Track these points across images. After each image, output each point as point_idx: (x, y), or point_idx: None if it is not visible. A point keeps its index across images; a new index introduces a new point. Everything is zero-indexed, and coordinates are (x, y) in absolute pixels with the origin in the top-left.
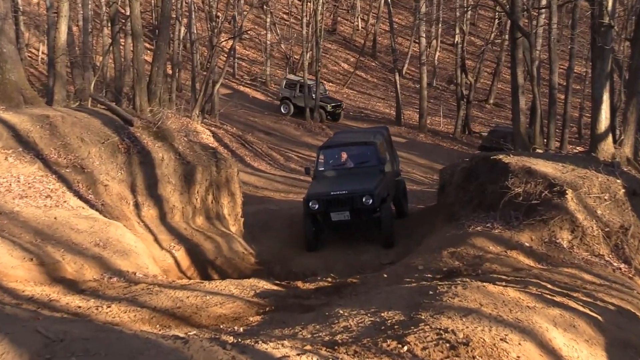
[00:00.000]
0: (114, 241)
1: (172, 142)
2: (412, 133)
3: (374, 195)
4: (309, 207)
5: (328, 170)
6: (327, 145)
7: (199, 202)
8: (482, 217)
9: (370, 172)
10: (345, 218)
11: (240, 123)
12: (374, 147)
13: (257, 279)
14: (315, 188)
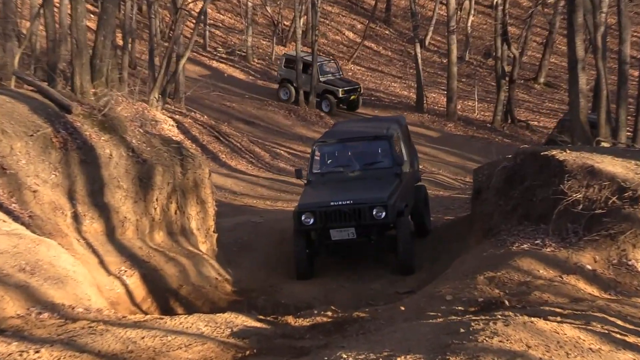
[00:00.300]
0: (46, 265)
1: (124, 134)
2: (438, 122)
3: (387, 207)
4: (302, 222)
5: (326, 172)
6: (325, 140)
7: (158, 213)
8: (529, 232)
9: (382, 175)
10: (349, 237)
11: (213, 110)
12: (387, 143)
13: (234, 314)
14: (309, 197)
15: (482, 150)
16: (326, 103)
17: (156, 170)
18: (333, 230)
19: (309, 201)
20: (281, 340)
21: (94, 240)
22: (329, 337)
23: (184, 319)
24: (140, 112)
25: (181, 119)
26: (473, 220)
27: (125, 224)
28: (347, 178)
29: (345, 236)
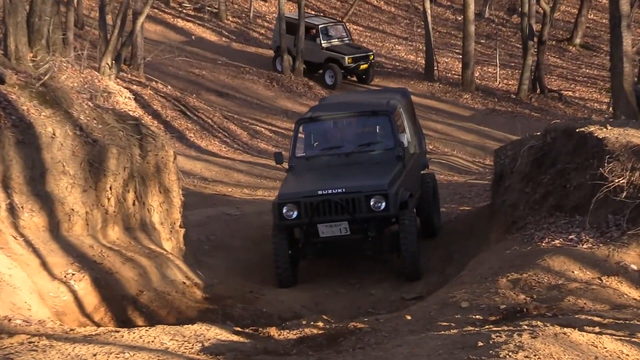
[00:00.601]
0: None
1: (69, 109)
2: (452, 93)
3: (388, 196)
4: (283, 216)
5: (312, 156)
6: (311, 116)
7: (112, 205)
8: (562, 225)
9: (381, 159)
10: (341, 233)
11: (178, 79)
12: (387, 119)
13: (205, 325)
14: (291, 185)
15: (504, 126)
16: (330, 74)
17: (109, 153)
18: (321, 226)
19: (291, 190)
20: (262, 357)
21: (35, 238)
22: (320, 352)
23: (144, 331)
24: (90, 81)
25: (140, 89)
26: (494, 211)
27: (73, 218)
28: (338, 162)
29: (337, 232)
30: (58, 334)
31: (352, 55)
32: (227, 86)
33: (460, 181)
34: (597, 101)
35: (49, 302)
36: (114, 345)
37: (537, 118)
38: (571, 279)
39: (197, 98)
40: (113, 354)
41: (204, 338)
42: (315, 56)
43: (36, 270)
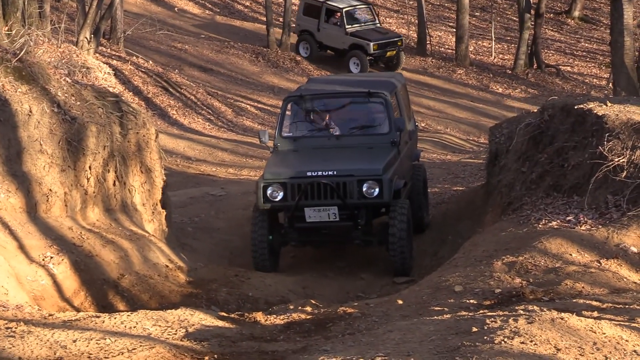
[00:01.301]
0: None
1: (46, 85)
2: (445, 68)
3: (382, 182)
4: (267, 197)
5: (299, 137)
6: (301, 94)
7: (92, 185)
8: (559, 206)
9: (375, 143)
10: (329, 219)
11: (160, 53)
12: (383, 102)
13: (189, 310)
14: (277, 165)
15: (500, 103)
16: (355, 61)
17: (89, 131)
18: (309, 210)
19: (277, 170)
20: (248, 343)
21: (11, 220)
22: (308, 338)
23: (126, 317)
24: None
25: (120, 65)
26: (489, 191)
27: (51, 199)
28: (328, 145)
29: (325, 218)
30: (36, 320)
31: (378, 42)
32: (211, 61)
33: (454, 160)
34: (596, 77)
35: (27, 287)
36: (95, 331)
37: (534, 94)
38: (569, 262)
39: (180, 74)
40: (94, 340)
41: (187, 323)
42: (339, 42)
43: (13, 253)
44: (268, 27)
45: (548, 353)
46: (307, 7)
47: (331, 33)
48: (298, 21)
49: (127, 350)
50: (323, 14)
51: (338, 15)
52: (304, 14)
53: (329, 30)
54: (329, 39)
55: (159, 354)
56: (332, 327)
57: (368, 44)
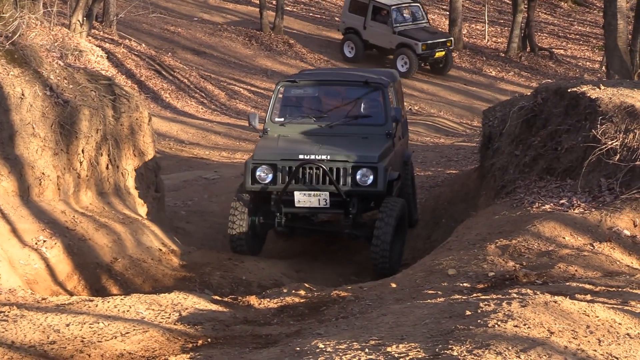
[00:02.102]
0: None
1: (39, 68)
2: None
3: (377, 170)
4: (256, 178)
5: (291, 123)
6: (295, 79)
7: (85, 168)
8: (552, 189)
9: (369, 134)
10: (319, 205)
11: (153, 36)
12: (380, 93)
13: (183, 293)
14: (267, 147)
15: (493, 86)
16: (403, 61)
17: (81, 114)
18: (299, 194)
19: (268, 152)
20: (242, 327)
21: (4, 203)
22: (301, 322)
23: (119, 300)
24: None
25: (112, 48)
26: (482, 175)
27: (44, 182)
28: (320, 133)
29: (315, 203)
30: (29, 304)
31: (427, 42)
32: (204, 44)
33: (447, 143)
34: (589, 60)
35: (20, 270)
36: (88, 315)
37: (527, 77)
38: (562, 245)
39: (173, 57)
40: (87, 323)
41: (181, 307)
42: (386, 41)
43: (6, 237)
44: (261, 10)
45: (541, 336)
46: (353, 4)
47: (378, 31)
48: (343, 18)
49: (121, 334)
50: (370, 12)
51: (385, 12)
52: (349, 11)
53: (376, 29)
54: (376, 38)
55: (153, 337)
56: (325, 311)
57: (417, 43)
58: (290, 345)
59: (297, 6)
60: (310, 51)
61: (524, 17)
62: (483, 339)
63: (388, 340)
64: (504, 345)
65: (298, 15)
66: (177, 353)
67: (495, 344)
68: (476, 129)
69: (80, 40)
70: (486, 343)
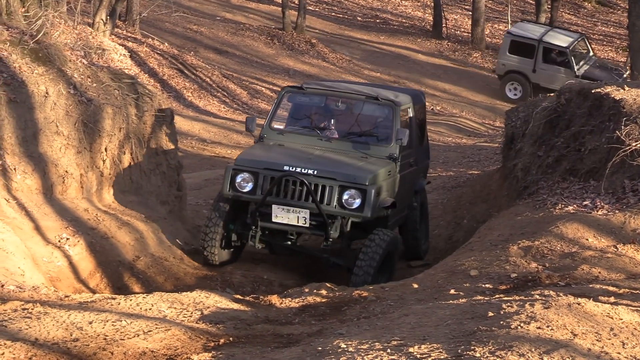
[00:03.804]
0: None
1: (63, 66)
2: (461, 51)
3: (366, 193)
4: (234, 185)
5: (290, 132)
6: (302, 86)
7: (108, 167)
8: (576, 190)
9: (371, 154)
10: (298, 223)
11: (175, 35)
12: (390, 111)
13: (204, 292)
14: (254, 153)
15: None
16: None
17: (105, 113)
18: (277, 208)
19: (251, 158)
20: (263, 326)
21: (28, 201)
22: (323, 322)
23: (141, 299)
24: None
25: (135, 47)
26: (505, 175)
27: (67, 180)
28: (319, 146)
29: (294, 221)
30: (53, 301)
31: None
32: (227, 43)
33: (469, 144)
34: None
35: (43, 268)
36: (111, 313)
37: None
38: (585, 247)
39: (195, 56)
40: (109, 321)
41: (203, 306)
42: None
43: (29, 234)
44: (283, 10)
45: (565, 338)
46: (514, 45)
47: (553, 74)
48: (502, 60)
49: (143, 332)
50: (540, 54)
51: (556, 52)
52: (509, 52)
53: (550, 72)
54: (550, 81)
55: (175, 336)
56: (347, 311)
57: None
58: (312, 344)
59: (320, 6)
60: (333, 51)
61: (548, 17)
62: (506, 341)
63: (410, 340)
64: (527, 346)
65: (320, 14)
66: (199, 351)
67: (518, 345)
68: (498, 129)
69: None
70: (509, 344)
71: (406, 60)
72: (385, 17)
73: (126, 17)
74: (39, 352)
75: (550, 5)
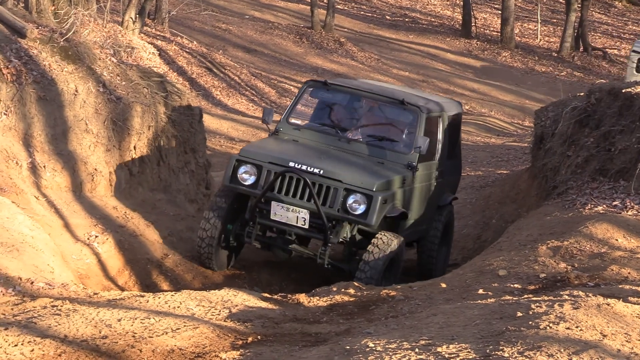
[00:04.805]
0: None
1: (92, 64)
2: (490, 50)
3: (372, 199)
4: (236, 176)
5: (307, 128)
6: (325, 82)
7: (137, 165)
8: (606, 191)
9: (388, 159)
10: (296, 223)
11: (204, 34)
12: (415, 117)
13: (232, 290)
14: (262, 146)
15: (545, 86)
16: None
17: (134, 111)
18: (276, 205)
19: (258, 151)
20: (291, 325)
21: (57, 198)
22: (351, 321)
23: (170, 296)
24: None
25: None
26: (534, 175)
27: (96, 178)
28: (335, 146)
29: (292, 220)
30: (82, 298)
31: None
32: (255, 42)
33: (498, 143)
34: None
35: (72, 265)
36: (139, 310)
37: (580, 78)
38: (615, 247)
39: (224, 54)
40: (138, 319)
41: (231, 304)
42: None
43: (59, 231)
44: (312, 8)
45: (594, 339)
46: None
47: None
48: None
49: (172, 330)
50: None
51: None
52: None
53: None
54: None
55: (203, 334)
56: (375, 310)
57: None
58: (339, 343)
59: (348, 4)
60: (361, 49)
61: (578, 17)
62: (534, 341)
63: (438, 340)
64: (556, 347)
65: (349, 13)
66: (227, 350)
67: (547, 345)
68: (527, 129)
69: (133, 37)
70: (538, 345)
71: (435, 60)
72: (414, 16)
73: (155, 16)
74: (68, 349)
75: (580, 4)
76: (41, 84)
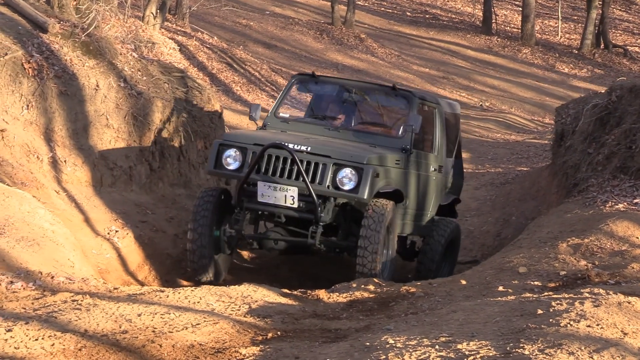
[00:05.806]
0: (18, 222)
1: (113, 59)
2: (510, 47)
3: (363, 172)
4: (220, 161)
5: (296, 122)
6: (313, 74)
7: (157, 159)
8: (626, 188)
9: (380, 143)
10: (285, 203)
11: (224, 29)
12: (407, 103)
13: (252, 286)
14: (245, 133)
15: (566, 83)
16: None
17: (154, 106)
18: (263, 186)
19: (243, 134)
20: (311, 321)
21: (78, 193)
22: (370, 317)
23: (190, 292)
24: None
25: (185, 40)
26: (554, 172)
27: (116, 173)
28: (325, 135)
29: (281, 200)
30: (102, 293)
31: None
32: (275, 37)
33: (518, 140)
34: None
35: (92, 260)
36: (159, 305)
37: (601, 75)
38: (635, 245)
39: (244, 50)
40: (158, 314)
41: (251, 300)
42: None
43: (79, 226)
44: (332, 4)
45: (615, 337)
46: None
47: None
48: None
49: (192, 325)
50: None
51: None
52: None
53: None
54: None
55: (223, 329)
56: (394, 307)
57: None
58: (359, 340)
59: (369, 0)
60: (381, 46)
61: (598, 14)
62: (555, 339)
63: (458, 337)
64: (577, 345)
65: (369, 9)
66: (247, 345)
67: (568, 343)
68: (547, 126)
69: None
70: (558, 342)
71: (455, 56)
72: (435, 13)
73: (176, 11)
74: (88, 344)
75: (601, 2)
76: (62, 78)
